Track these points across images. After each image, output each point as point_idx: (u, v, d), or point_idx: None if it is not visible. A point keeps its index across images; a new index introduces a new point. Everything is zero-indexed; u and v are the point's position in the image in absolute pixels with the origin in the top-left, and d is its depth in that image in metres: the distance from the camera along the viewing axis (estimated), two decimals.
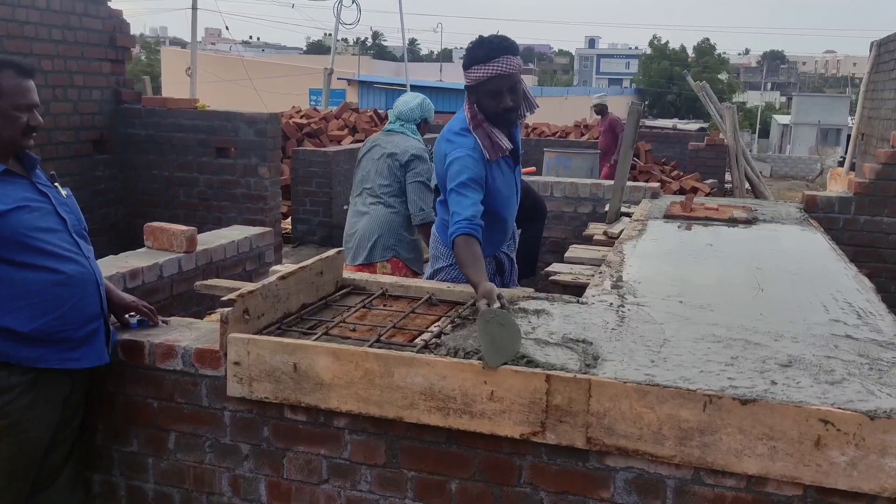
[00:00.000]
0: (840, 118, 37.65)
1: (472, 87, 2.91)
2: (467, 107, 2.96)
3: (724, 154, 12.03)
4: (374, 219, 4.26)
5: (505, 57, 2.83)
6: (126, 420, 2.47)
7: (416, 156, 4.22)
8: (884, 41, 10.05)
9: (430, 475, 2.18)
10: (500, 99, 2.87)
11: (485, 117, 2.93)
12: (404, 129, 4.38)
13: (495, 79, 2.84)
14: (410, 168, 4.21)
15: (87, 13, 6.28)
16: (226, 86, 26.07)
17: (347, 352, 2.15)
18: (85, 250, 2.33)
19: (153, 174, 6.65)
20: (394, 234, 4.25)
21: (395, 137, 4.35)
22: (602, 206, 5.52)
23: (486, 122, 2.93)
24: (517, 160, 3.18)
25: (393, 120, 4.44)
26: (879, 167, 5.13)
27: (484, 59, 2.83)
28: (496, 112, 2.90)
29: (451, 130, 3.01)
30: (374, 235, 4.20)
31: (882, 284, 4.80)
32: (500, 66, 2.82)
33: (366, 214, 4.28)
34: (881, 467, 1.78)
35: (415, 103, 4.42)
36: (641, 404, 1.92)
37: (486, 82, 2.85)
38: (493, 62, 2.82)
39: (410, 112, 4.39)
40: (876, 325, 2.49)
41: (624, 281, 3.00)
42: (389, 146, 4.29)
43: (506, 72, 2.84)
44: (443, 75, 37.89)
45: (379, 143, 4.37)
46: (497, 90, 2.86)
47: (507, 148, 2.98)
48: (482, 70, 2.84)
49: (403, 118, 4.40)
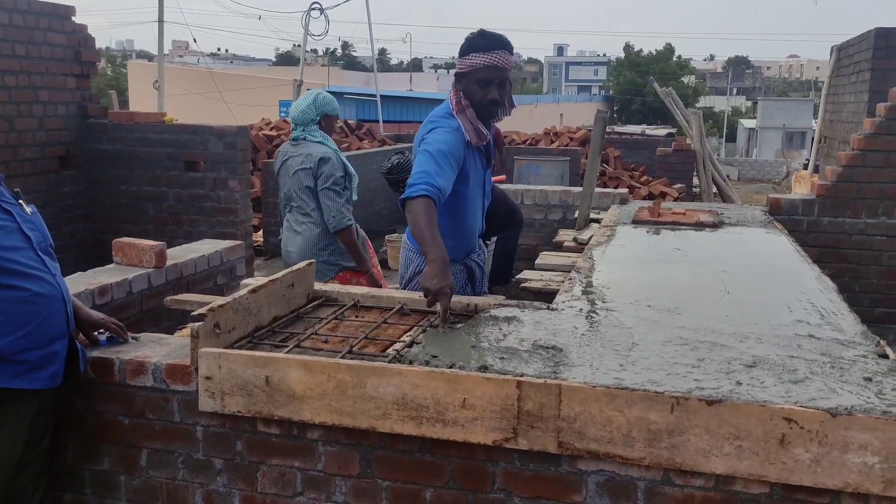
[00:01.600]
0: (804, 121, 38.31)
1: (462, 74, 3.00)
2: (453, 93, 3.03)
3: (691, 159, 12.21)
4: (306, 240, 4.23)
5: (503, 52, 2.95)
6: (97, 438, 2.45)
7: (322, 160, 4.14)
8: (843, 45, 10.26)
9: (404, 484, 2.19)
10: (489, 89, 2.96)
11: (469, 104, 3.00)
12: (306, 133, 4.26)
13: (490, 68, 2.94)
14: (319, 175, 4.14)
15: (51, 28, 6.22)
16: (194, 99, 25.89)
17: (319, 363, 2.15)
18: (51, 267, 2.31)
19: (121, 189, 6.59)
20: (329, 250, 4.23)
21: (301, 146, 4.25)
22: (572, 213, 5.57)
23: (471, 109, 3.00)
24: (489, 162, 3.23)
25: (293, 127, 4.33)
26: (841, 169, 5.24)
27: (483, 49, 2.93)
28: (481, 101, 2.98)
29: (436, 114, 3.08)
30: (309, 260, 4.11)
31: (845, 284, 4.90)
32: (496, 58, 2.93)
33: (299, 234, 4.26)
34: (844, 463, 1.82)
35: (306, 104, 4.28)
36: (611, 408, 1.95)
37: (480, 70, 2.95)
38: (491, 52, 2.93)
39: (303, 114, 4.26)
40: (838, 325, 2.55)
41: (594, 286, 3.03)
42: (298, 159, 4.21)
43: (500, 64, 2.94)
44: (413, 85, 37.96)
45: (289, 156, 4.29)
46: (488, 80, 2.96)
47: (487, 135, 3.05)
48: (479, 58, 2.93)
49: (299, 122, 4.28)
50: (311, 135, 4.25)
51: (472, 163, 3.08)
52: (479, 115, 3.01)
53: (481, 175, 3.19)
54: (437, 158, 2.83)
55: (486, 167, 3.21)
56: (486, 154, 3.20)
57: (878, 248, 5.19)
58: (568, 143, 14.52)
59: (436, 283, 2.46)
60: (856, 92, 9.17)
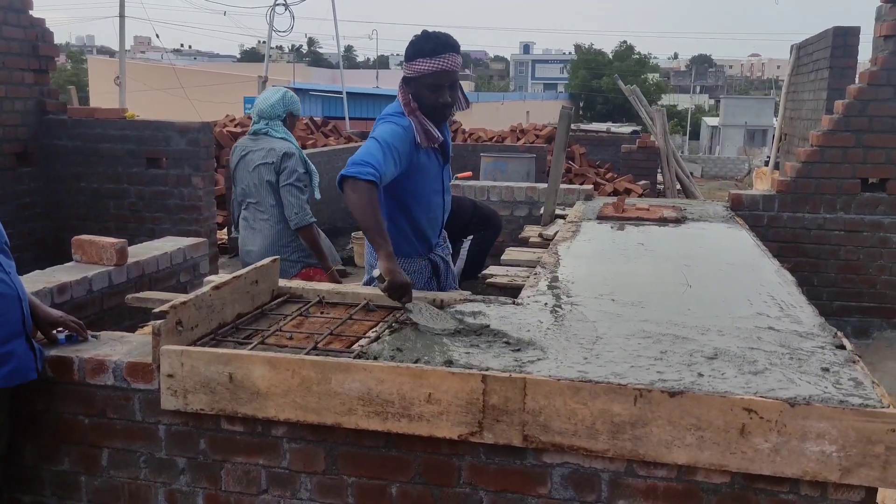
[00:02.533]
0: (766, 119, 38.92)
1: (410, 79, 2.96)
2: (401, 95, 3.00)
3: (655, 156, 12.34)
4: (267, 238, 4.12)
5: (450, 54, 2.92)
6: (56, 438, 2.41)
7: (285, 155, 4.05)
8: (803, 44, 10.44)
9: (369, 480, 2.18)
10: (440, 94, 2.95)
11: (418, 107, 2.98)
12: (269, 127, 4.16)
13: (439, 73, 2.91)
14: (282, 170, 4.04)
15: (6, 22, 6.08)
16: (157, 95, 25.54)
17: (283, 360, 2.14)
18: (6, 266, 2.26)
19: (81, 186, 6.47)
20: (292, 247, 4.14)
21: (262, 141, 4.15)
22: (538, 209, 5.60)
23: (420, 111, 2.98)
24: (447, 159, 3.23)
25: (256, 120, 4.21)
26: (800, 165, 5.34)
27: (430, 54, 2.90)
28: (433, 105, 2.97)
29: (387, 112, 3.05)
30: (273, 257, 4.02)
31: (805, 278, 5.00)
32: (444, 62, 2.90)
33: (258, 232, 4.15)
34: (802, 452, 1.85)
35: (275, 98, 4.19)
36: (575, 400, 1.97)
37: (429, 76, 2.92)
38: (438, 57, 2.89)
39: (272, 108, 4.16)
40: (797, 317, 2.60)
41: (559, 281, 3.05)
42: (259, 154, 4.10)
43: (449, 68, 2.92)
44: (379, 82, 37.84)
45: (249, 150, 4.17)
46: (438, 84, 2.94)
47: (438, 138, 3.04)
48: (426, 63, 2.90)
49: (266, 115, 4.17)
50: (274, 130, 4.16)
51: (426, 160, 3.08)
52: (431, 118, 3.00)
53: (438, 172, 3.18)
54: (384, 148, 2.81)
55: (442, 164, 3.21)
56: (442, 152, 3.19)
57: (836, 243, 5.30)
58: (534, 140, 14.57)
59: (398, 279, 2.54)
60: (815, 90, 9.34)
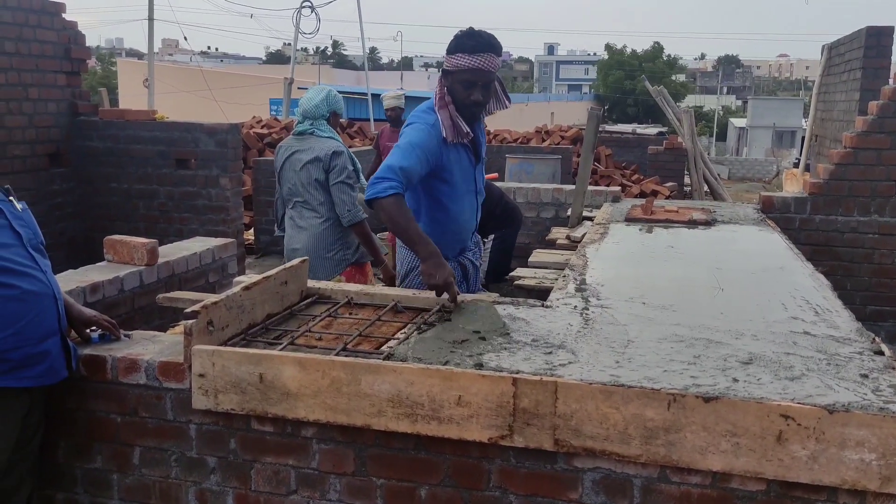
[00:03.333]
0: (794, 120, 38.49)
1: (448, 72, 3.01)
2: (438, 88, 3.04)
3: (682, 157, 12.23)
4: (313, 236, 4.11)
5: (489, 54, 2.94)
6: (89, 436, 2.43)
7: (335, 153, 4.05)
8: (834, 45, 10.30)
9: (399, 482, 2.18)
10: (472, 91, 2.98)
11: (452, 101, 3.01)
12: (314, 127, 4.17)
13: (474, 71, 2.94)
14: (332, 169, 4.05)
15: (40, 25, 6.18)
16: (185, 97, 25.78)
17: (313, 361, 2.14)
18: (42, 265, 2.29)
19: (112, 187, 6.55)
20: (338, 245, 4.14)
21: (308, 141, 4.15)
22: (564, 211, 5.57)
23: (453, 105, 3.01)
24: (479, 158, 3.22)
25: (301, 120, 4.22)
26: (833, 167, 5.26)
27: (469, 50, 2.93)
28: (464, 102, 3.00)
29: (418, 109, 3.10)
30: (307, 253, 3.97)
31: (838, 282, 4.91)
32: (481, 60, 2.93)
33: (305, 230, 4.14)
34: (841, 460, 1.82)
35: (320, 98, 4.20)
36: (607, 405, 1.94)
37: (465, 72, 2.95)
38: (476, 55, 2.93)
39: (316, 108, 4.17)
40: (833, 322, 2.55)
41: (588, 284, 3.03)
42: (307, 153, 4.10)
43: (485, 68, 2.95)
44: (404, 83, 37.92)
45: (296, 150, 4.17)
46: (471, 82, 2.96)
47: (467, 133, 3.04)
48: (464, 59, 2.94)
49: (311, 115, 4.18)
50: (320, 129, 4.16)
51: (456, 158, 3.08)
52: (462, 115, 3.02)
53: (470, 171, 3.18)
54: (403, 150, 2.88)
55: (474, 164, 3.20)
56: (474, 151, 3.18)
57: (870, 246, 5.21)
58: (559, 141, 14.50)
59: (438, 276, 2.58)
60: (847, 91, 9.21)
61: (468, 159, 3.16)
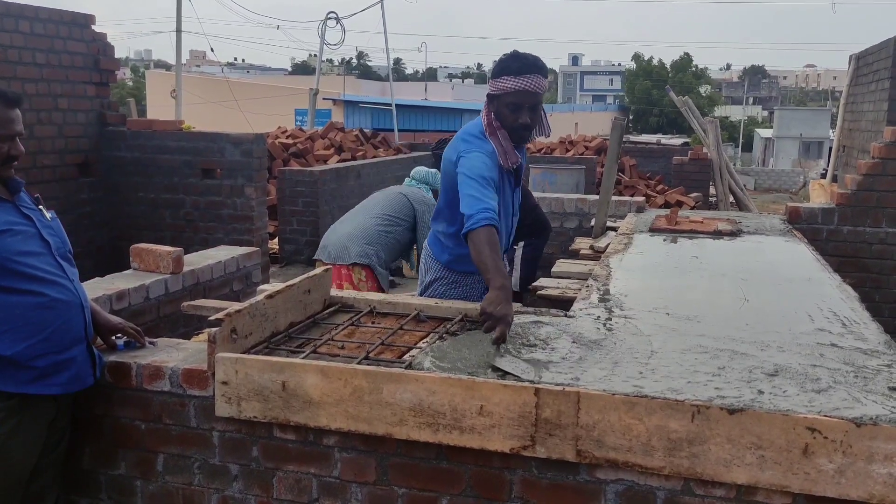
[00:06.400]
0: (821, 131, 38.06)
1: (494, 96, 2.95)
2: (485, 113, 2.98)
3: (707, 168, 12.13)
4: (358, 226, 4.77)
5: (535, 76, 2.88)
6: (113, 443, 2.45)
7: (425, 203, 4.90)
8: (862, 55, 10.19)
9: (420, 492, 2.17)
10: (519, 114, 2.91)
11: (500, 126, 2.95)
12: (421, 186, 5.13)
13: (521, 93, 2.88)
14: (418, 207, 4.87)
15: (70, 36, 6.28)
16: (211, 107, 26.07)
17: (336, 369, 2.15)
18: (69, 273, 2.32)
19: (139, 196, 6.63)
20: (375, 245, 4.70)
21: (413, 189, 5.10)
22: (588, 221, 5.54)
23: (503, 130, 2.95)
24: (518, 181, 3.19)
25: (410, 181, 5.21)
26: (861, 178, 5.19)
27: (515, 72, 2.87)
28: (512, 126, 2.93)
29: (468, 132, 3.03)
30: (356, 238, 4.68)
31: (866, 294, 4.83)
32: (528, 82, 2.87)
33: (352, 222, 4.82)
34: (869, 474, 1.79)
35: (430, 173, 5.23)
36: (630, 416, 1.93)
37: (511, 94, 2.89)
38: (523, 76, 2.86)
39: (431, 176, 5.17)
40: (860, 334, 2.51)
41: (611, 294, 3.01)
42: (407, 190, 5.03)
43: (532, 89, 2.88)
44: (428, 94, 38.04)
45: (397, 188, 5.16)
46: (519, 104, 2.90)
47: (518, 159, 3.00)
48: (511, 82, 2.88)
49: (420, 179, 5.18)
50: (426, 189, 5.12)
51: (502, 184, 3.04)
52: (510, 138, 2.96)
53: (510, 196, 3.14)
54: (481, 185, 2.79)
55: (514, 188, 3.18)
56: (515, 174, 3.16)
57: None
58: (583, 151, 14.45)
59: (500, 309, 2.37)
60: (875, 101, 9.09)
61: (510, 184, 3.13)
